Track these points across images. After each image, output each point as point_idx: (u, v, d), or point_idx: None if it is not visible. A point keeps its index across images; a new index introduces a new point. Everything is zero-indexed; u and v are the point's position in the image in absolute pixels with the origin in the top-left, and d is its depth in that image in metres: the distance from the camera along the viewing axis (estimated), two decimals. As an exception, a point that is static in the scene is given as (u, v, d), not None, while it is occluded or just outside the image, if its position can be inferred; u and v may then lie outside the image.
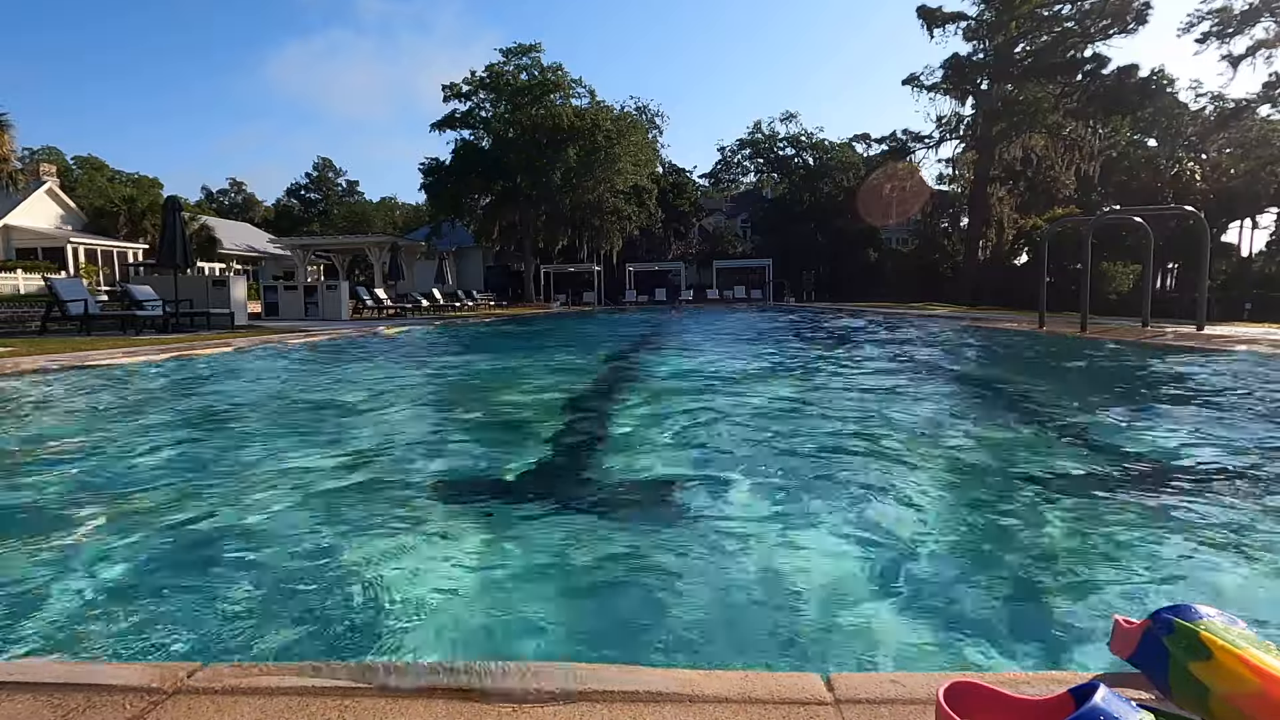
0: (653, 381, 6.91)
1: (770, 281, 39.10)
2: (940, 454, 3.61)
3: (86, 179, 51.46)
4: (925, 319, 16.93)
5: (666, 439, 4.03)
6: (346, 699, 1.14)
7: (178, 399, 5.77)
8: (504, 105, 33.84)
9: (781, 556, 2.18)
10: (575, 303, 37.18)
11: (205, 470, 3.29)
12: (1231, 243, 35.96)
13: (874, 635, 1.69)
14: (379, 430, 4.33)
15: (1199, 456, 3.60)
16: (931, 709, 1.06)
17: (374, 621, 1.77)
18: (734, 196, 51.65)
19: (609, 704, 1.12)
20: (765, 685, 1.17)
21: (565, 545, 2.28)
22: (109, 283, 24.90)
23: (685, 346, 11.15)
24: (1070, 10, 30.32)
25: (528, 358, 9.57)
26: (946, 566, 2.13)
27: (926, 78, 33.08)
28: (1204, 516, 2.54)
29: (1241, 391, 5.83)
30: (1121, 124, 33.34)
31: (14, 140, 24.81)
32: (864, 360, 8.68)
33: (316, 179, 67.83)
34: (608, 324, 19.18)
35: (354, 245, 29.51)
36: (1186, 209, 12.43)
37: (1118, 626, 1.15)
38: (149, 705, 1.13)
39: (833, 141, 46.18)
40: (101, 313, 13.72)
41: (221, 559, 2.18)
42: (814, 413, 4.92)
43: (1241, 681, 0.95)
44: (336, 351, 9.71)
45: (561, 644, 1.67)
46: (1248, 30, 29.66)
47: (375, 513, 2.64)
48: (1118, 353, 8.94)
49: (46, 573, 2.06)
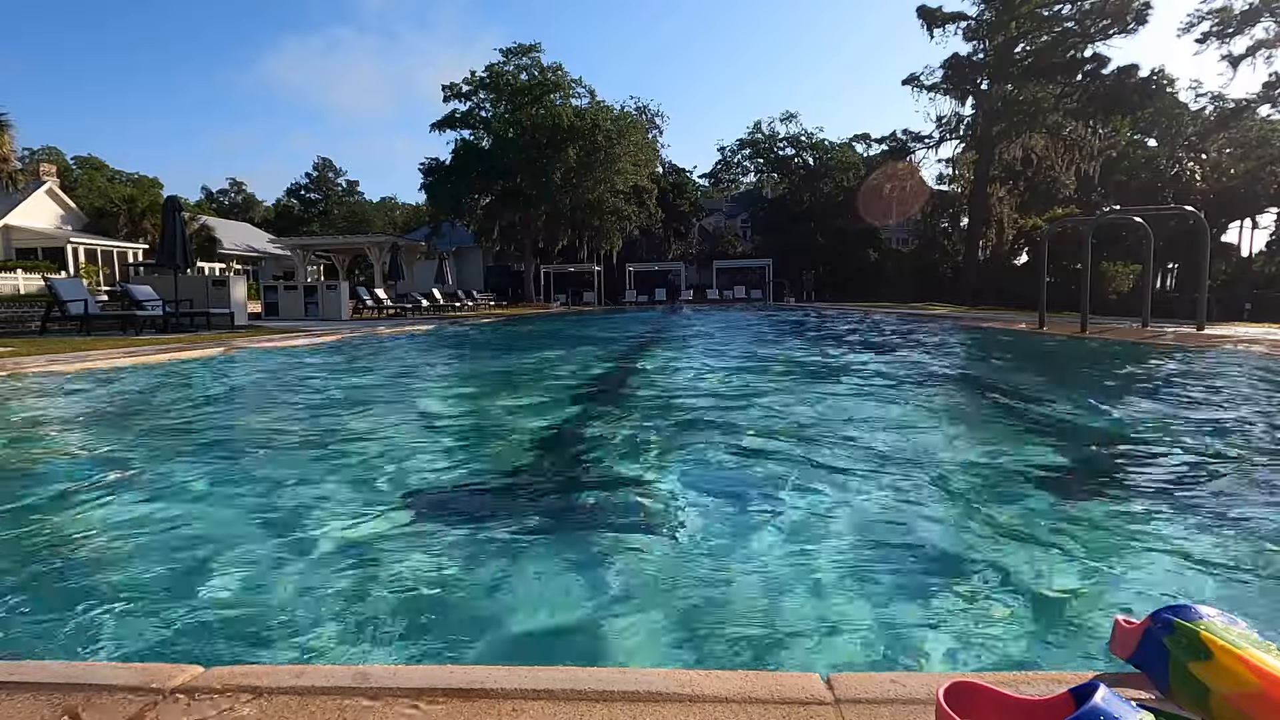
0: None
1: (770, 281, 39.13)
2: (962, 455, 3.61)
3: (86, 179, 51.50)
4: (925, 320, 16.93)
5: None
6: (346, 699, 1.14)
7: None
8: (504, 105, 33.86)
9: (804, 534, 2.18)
10: (575, 303, 37.21)
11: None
12: (1231, 243, 35.94)
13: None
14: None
15: (1202, 456, 3.59)
16: (931, 709, 1.06)
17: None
18: (734, 196, 51.68)
19: (609, 704, 1.12)
20: (765, 685, 1.17)
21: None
22: (109, 283, 24.89)
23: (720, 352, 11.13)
24: (1070, 10, 30.30)
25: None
26: (947, 563, 2.13)
27: (926, 78, 33.09)
28: (1206, 515, 2.54)
29: (1242, 390, 5.83)
30: (1121, 124, 33.31)
31: (14, 140, 24.84)
32: (882, 365, 8.69)
33: (316, 179, 67.86)
34: (620, 323, 19.14)
35: (354, 245, 29.52)
36: (1186, 209, 12.43)
37: (1118, 626, 1.15)
38: (149, 705, 1.13)
39: (833, 141, 46.20)
40: (102, 313, 13.73)
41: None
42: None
43: (1242, 681, 0.95)
44: (370, 351, 9.71)
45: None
46: (1248, 30, 29.63)
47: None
48: (1118, 352, 8.94)
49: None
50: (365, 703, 1.12)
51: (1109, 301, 24.60)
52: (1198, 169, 34.15)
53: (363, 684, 1.17)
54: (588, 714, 1.09)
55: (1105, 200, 32.14)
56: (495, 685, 1.16)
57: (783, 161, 47.46)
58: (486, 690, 1.15)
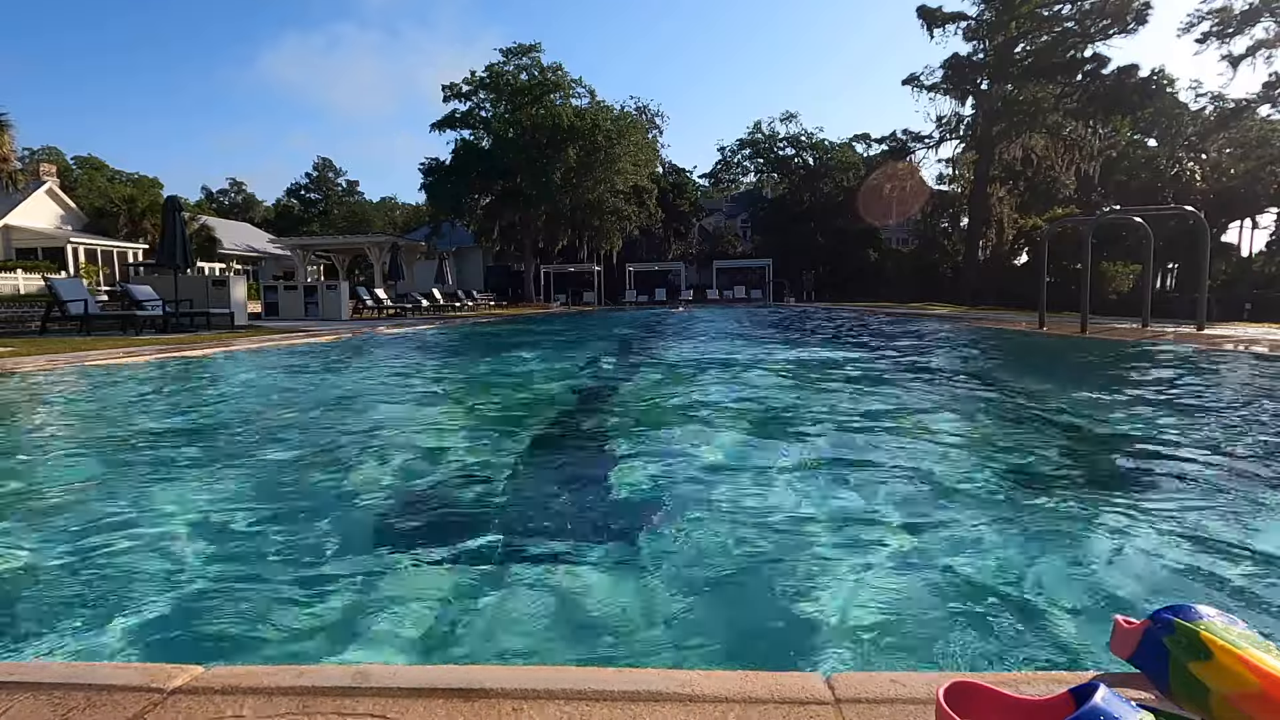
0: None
1: (770, 281, 39.17)
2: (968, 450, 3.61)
3: (86, 179, 51.51)
4: (925, 319, 16.92)
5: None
6: (346, 699, 1.14)
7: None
8: (504, 105, 33.88)
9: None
10: (575, 302, 37.23)
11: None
12: (1231, 243, 35.95)
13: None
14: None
15: (1201, 455, 3.59)
16: (931, 709, 1.06)
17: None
18: (734, 196, 51.72)
19: (609, 704, 1.12)
20: (765, 685, 1.17)
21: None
22: (109, 283, 24.90)
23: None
24: (1070, 10, 30.30)
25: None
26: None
27: (926, 78, 33.09)
28: (1207, 514, 2.54)
29: (1243, 389, 5.83)
30: (1121, 124, 33.31)
31: (14, 140, 24.84)
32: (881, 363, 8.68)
33: (316, 179, 67.88)
34: (620, 323, 19.14)
35: (354, 245, 29.54)
36: (1186, 209, 12.43)
37: (1118, 626, 1.15)
38: (149, 705, 1.13)
39: (833, 141, 46.25)
40: (102, 313, 13.74)
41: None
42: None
43: (1242, 682, 0.95)
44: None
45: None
46: (1248, 30, 29.63)
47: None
48: (1119, 353, 8.94)
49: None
50: (365, 702, 1.12)
51: (1109, 301, 24.60)
52: (1198, 169, 34.15)
53: (363, 684, 1.17)
54: (588, 714, 1.09)
55: (1105, 200, 32.14)
56: (495, 685, 1.16)
57: (783, 161, 47.49)
58: (486, 690, 1.15)
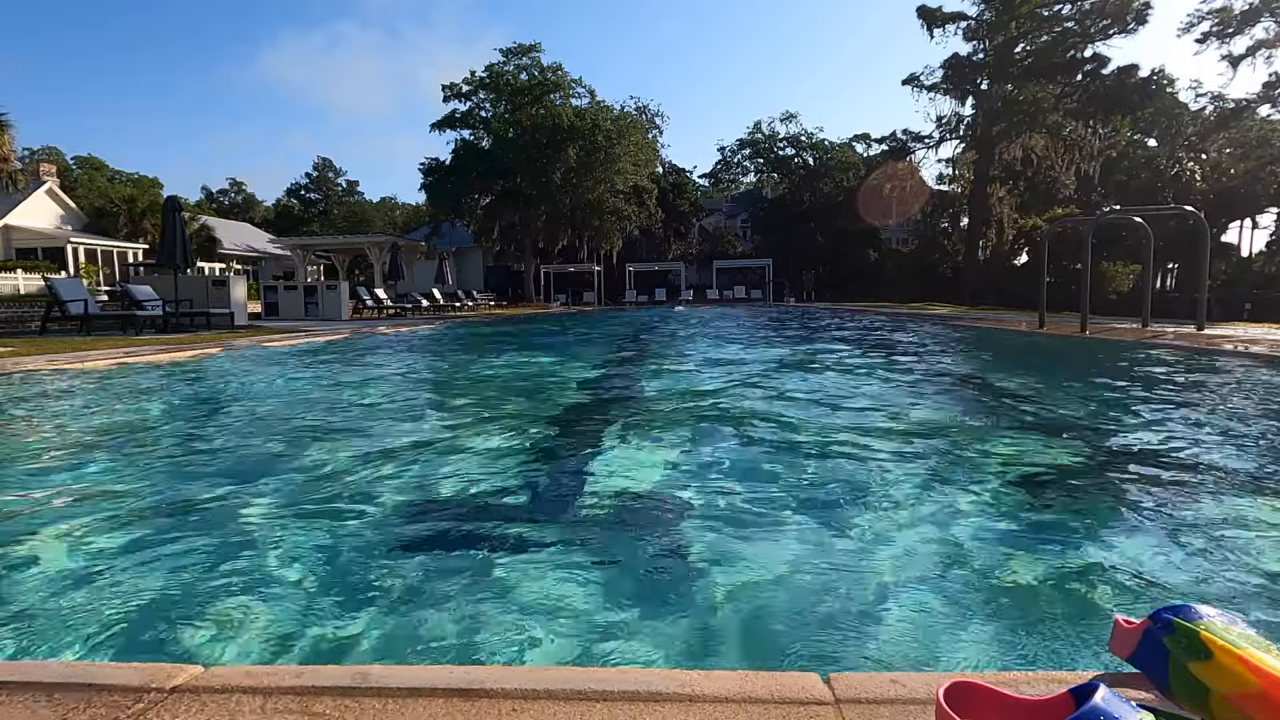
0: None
1: (770, 281, 39.17)
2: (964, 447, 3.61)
3: (86, 179, 51.51)
4: (924, 319, 16.93)
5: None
6: (346, 699, 1.14)
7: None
8: (504, 105, 33.88)
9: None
10: (575, 302, 37.24)
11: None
12: (1231, 243, 35.95)
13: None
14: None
15: (1203, 454, 3.60)
16: (931, 709, 1.06)
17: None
18: (734, 196, 51.72)
19: (609, 704, 1.12)
20: (765, 685, 1.17)
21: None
22: (109, 283, 24.90)
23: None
24: (1070, 10, 30.29)
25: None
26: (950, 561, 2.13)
27: (926, 78, 33.09)
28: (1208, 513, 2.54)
29: (1241, 389, 5.83)
30: (1121, 124, 33.30)
31: (14, 140, 24.83)
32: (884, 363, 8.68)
33: (316, 179, 67.88)
34: (621, 323, 19.14)
35: (354, 245, 29.53)
36: (1186, 209, 12.42)
37: (1118, 626, 1.14)
38: (149, 705, 1.13)
39: (833, 141, 46.24)
40: (102, 313, 13.74)
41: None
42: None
43: (1242, 682, 0.94)
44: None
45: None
46: (1248, 30, 29.62)
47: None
48: (1120, 353, 8.94)
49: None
50: (365, 703, 1.12)
51: (1109, 301, 24.59)
52: (1198, 169, 34.14)
53: (363, 684, 1.17)
54: (588, 714, 1.09)
55: (1105, 200, 32.14)
56: (495, 685, 1.16)
57: (783, 161, 47.48)
58: (486, 690, 1.15)
